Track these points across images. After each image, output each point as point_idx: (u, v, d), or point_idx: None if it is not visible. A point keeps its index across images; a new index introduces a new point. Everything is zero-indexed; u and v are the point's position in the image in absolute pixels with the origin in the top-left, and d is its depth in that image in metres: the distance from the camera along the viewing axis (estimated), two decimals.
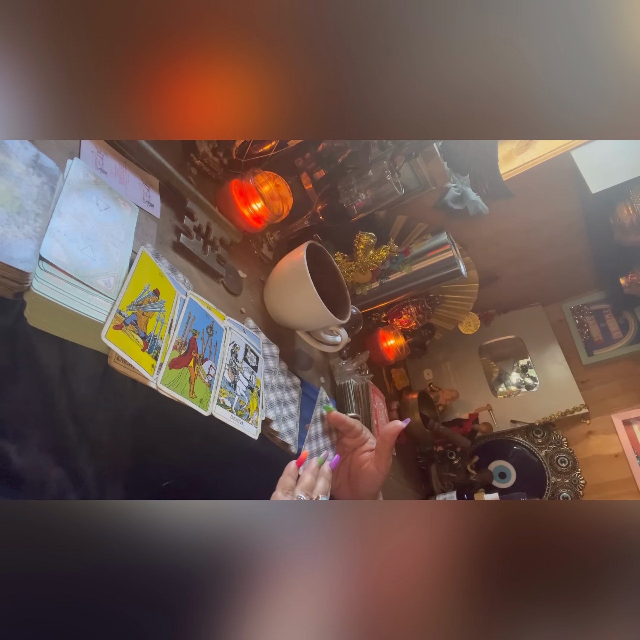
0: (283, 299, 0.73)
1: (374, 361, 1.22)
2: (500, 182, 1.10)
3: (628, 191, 1.04)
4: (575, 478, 1.32)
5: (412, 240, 1.17)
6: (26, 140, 0.39)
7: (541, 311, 1.52)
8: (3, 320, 0.35)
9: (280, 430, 0.61)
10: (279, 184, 0.74)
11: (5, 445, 0.37)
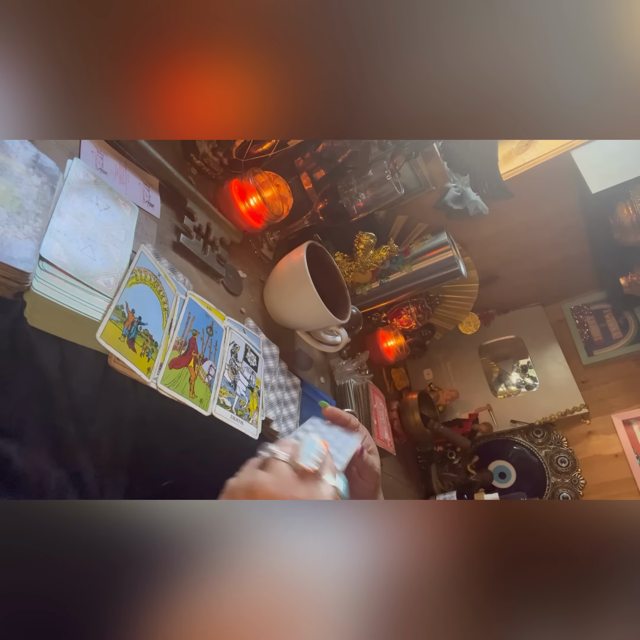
0: (283, 299, 0.73)
1: (374, 361, 1.22)
2: (500, 182, 1.10)
3: (628, 191, 1.04)
4: (575, 478, 1.32)
5: (412, 240, 1.17)
6: (26, 140, 0.39)
7: (541, 311, 1.52)
8: (3, 320, 0.35)
9: (280, 430, 0.61)
10: (279, 184, 0.74)
11: (5, 445, 0.37)
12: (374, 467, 0.53)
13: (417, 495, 1.28)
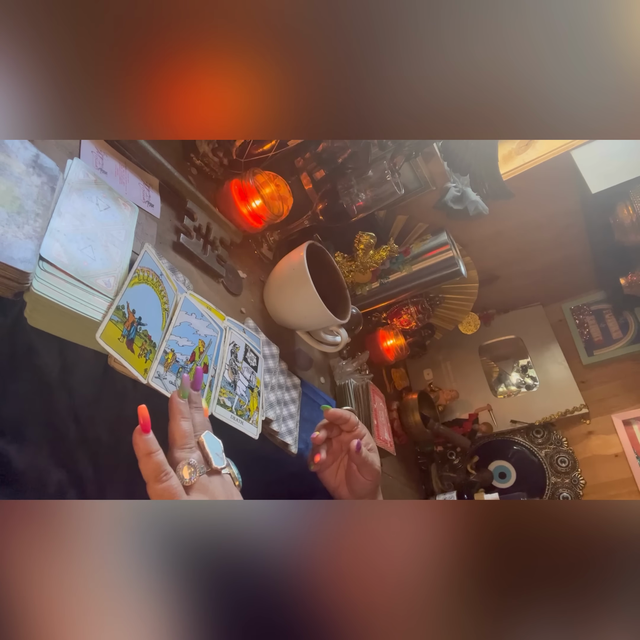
0: (283, 299, 0.73)
1: (374, 361, 1.22)
2: (500, 182, 1.10)
3: (628, 191, 1.04)
4: (575, 478, 1.32)
5: (412, 240, 1.17)
6: (26, 140, 0.39)
7: (541, 311, 1.52)
8: (3, 320, 0.35)
9: (280, 430, 0.61)
10: (279, 184, 0.74)
11: (5, 445, 0.37)
12: (373, 465, 0.53)
13: (417, 495, 1.28)
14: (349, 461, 0.55)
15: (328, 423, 0.55)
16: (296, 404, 0.68)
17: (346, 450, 0.55)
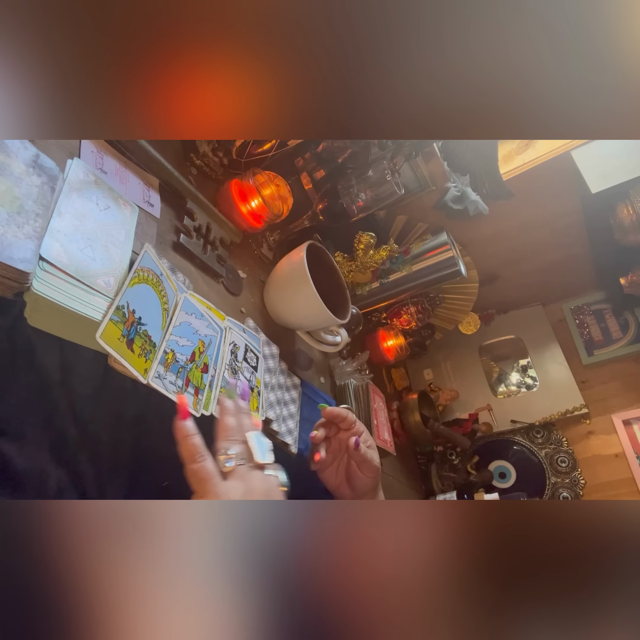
0: (283, 299, 0.73)
1: (374, 361, 1.22)
2: (500, 182, 1.10)
3: (628, 191, 1.04)
4: (575, 478, 1.32)
5: (412, 240, 1.17)
6: (26, 140, 0.39)
7: (541, 311, 1.52)
8: (3, 320, 0.35)
9: (280, 430, 0.61)
10: (279, 184, 0.74)
11: (5, 445, 0.37)
12: (373, 461, 0.53)
13: (417, 495, 1.28)
14: (348, 459, 0.55)
15: (326, 422, 0.56)
16: (296, 404, 0.68)
17: (345, 449, 0.55)
